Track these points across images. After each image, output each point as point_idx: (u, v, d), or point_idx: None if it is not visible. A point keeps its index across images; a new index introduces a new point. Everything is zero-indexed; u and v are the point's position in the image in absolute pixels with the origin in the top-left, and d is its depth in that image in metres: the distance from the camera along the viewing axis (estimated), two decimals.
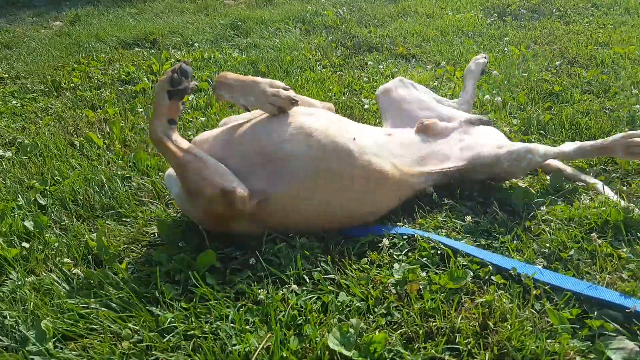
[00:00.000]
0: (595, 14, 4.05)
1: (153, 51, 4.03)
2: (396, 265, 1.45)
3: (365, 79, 3.21)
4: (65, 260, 1.56)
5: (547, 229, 1.58)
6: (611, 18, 3.92)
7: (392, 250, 1.53)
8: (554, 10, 4.20)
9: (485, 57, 2.37)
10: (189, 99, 2.97)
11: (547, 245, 1.51)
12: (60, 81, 3.34)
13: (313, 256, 1.52)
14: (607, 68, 2.96)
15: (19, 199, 1.91)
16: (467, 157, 1.81)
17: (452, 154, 1.85)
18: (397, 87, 2.11)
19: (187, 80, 1.57)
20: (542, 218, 1.64)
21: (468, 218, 1.65)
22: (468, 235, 1.59)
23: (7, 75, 3.55)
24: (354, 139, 1.64)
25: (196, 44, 4.15)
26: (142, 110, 2.84)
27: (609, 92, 2.62)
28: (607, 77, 2.79)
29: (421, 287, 1.36)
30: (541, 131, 2.26)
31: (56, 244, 1.65)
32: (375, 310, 1.30)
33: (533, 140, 2.20)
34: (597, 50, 3.25)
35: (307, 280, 1.43)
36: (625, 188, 1.85)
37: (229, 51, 3.93)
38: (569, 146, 1.89)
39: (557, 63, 3.10)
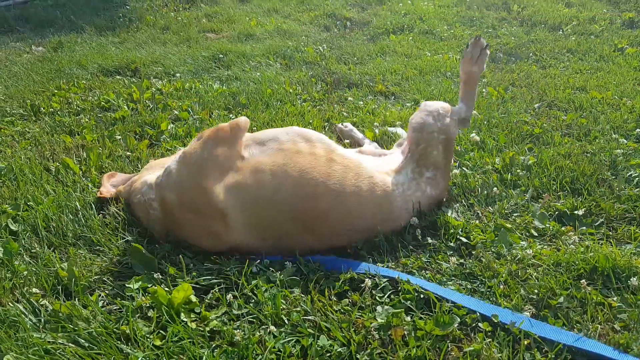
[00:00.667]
0: (570, 60, 4.17)
1: (134, 80, 4.01)
2: (379, 308, 1.42)
3: (345, 113, 3.24)
4: (34, 290, 1.50)
5: (535, 273, 1.58)
6: (587, 64, 4.03)
7: (374, 292, 1.51)
8: (530, 54, 4.33)
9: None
10: (168, 127, 2.95)
11: (535, 291, 1.50)
12: (39, 106, 3.29)
13: (292, 294, 1.49)
14: (585, 112, 3.01)
15: None
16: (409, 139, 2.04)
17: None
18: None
19: None
20: (529, 262, 1.64)
21: (453, 260, 1.64)
22: (453, 278, 1.58)
23: None
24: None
25: (177, 74, 4.15)
26: (120, 137, 2.81)
27: (589, 136, 2.66)
28: (586, 121, 2.83)
29: (406, 332, 1.33)
30: (524, 171, 2.29)
31: (25, 273, 1.58)
32: (358, 356, 1.26)
33: (520, 183, 2.23)
34: (575, 94, 3.32)
35: (286, 321, 1.39)
36: (611, 233, 1.87)
37: (210, 82, 3.93)
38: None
39: (536, 105, 3.16)
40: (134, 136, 2.88)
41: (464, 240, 1.78)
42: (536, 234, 1.86)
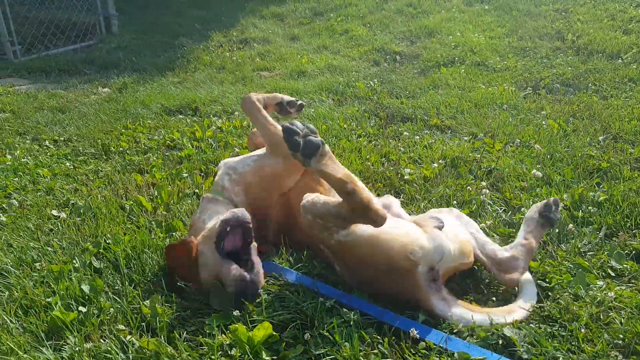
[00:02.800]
0: (633, 89, 4.02)
1: (195, 118, 4.19)
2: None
3: (402, 149, 3.25)
4: (120, 327, 1.57)
5: (618, 317, 1.53)
6: None
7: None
8: (589, 84, 4.23)
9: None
10: None
11: (621, 336, 1.45)
12: (109, 145, 3.48)
13: (368, 336, 1.50)
14: None
15: (75, 261, 1.95)
16: None
17: None
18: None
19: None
20: (610, 304, 1.59)
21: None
22: (533, 321, 1.55)
23: (61, 139, 3.72)
24: None
25: (236, 112, 4.29)
26: (187, 175, 2.93)
27: None
28: None
29: None
30: (595, 208, 2.22)
31: (111, 310, 1.66)
32: None
33: (592, 220, 2.17)
34: None
35: None
36: None
37: None
38: None
39: (601, 138, 3.07)
40: (200, 174, 2.99)
41: (540, 281, 1.74)
42: (613, 274, 1.80)
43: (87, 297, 1.73)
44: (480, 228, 2.04)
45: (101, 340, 1.51)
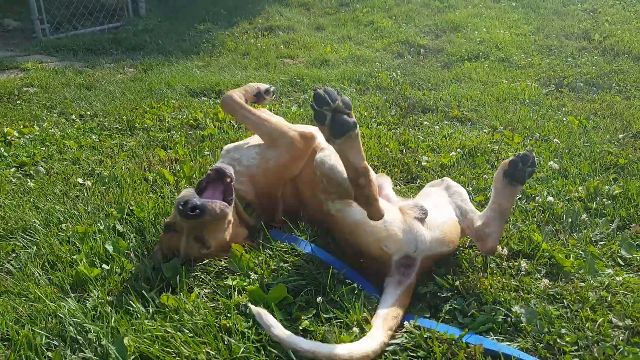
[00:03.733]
0: None
1: (218, 101, 4.26)
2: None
3: (421, 137, 3.28)
4: (142, 284, 1.64)
5: (624, 300, 1.55)
6: None
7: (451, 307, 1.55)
8: (613, 84, 4.21)
9: None
10: None
11: (625, 318, 1.48)
12: (134, 121, 3.57)
13: (371, 305, 1.55)
14: None
15: (99, 224, 2.03)
16: None
17: None
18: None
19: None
20: (616, 289, 1.62)
21: (546, 281, 1.65)
22: (539, 299, 1.58)
23: (87, 113, 3.83)
24: None
25: None
26: (209, 153, 3.00)
27: None
28: None
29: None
30: (609, 201, 2.24)
31: (133, 269, 1.74)
32: None
33: (605, 212, 2.19)
34: None
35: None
36: None
37: (289, 105, 4.11)
38: None
39: (621, 136, 3.08)
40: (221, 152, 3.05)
41: (551, 263, 1.77)
42: (623, 263, 1.83)
43: (110, 256, 1.81)
44: None
45: (123, 295, 1.59)
